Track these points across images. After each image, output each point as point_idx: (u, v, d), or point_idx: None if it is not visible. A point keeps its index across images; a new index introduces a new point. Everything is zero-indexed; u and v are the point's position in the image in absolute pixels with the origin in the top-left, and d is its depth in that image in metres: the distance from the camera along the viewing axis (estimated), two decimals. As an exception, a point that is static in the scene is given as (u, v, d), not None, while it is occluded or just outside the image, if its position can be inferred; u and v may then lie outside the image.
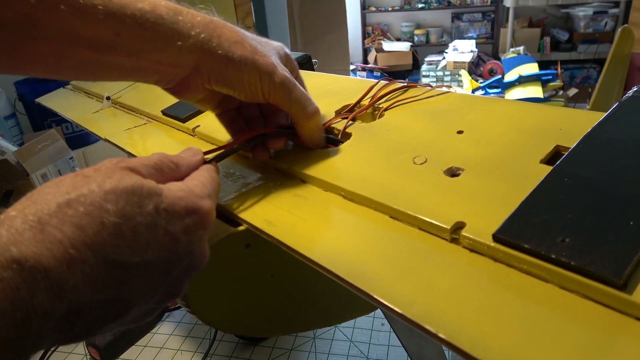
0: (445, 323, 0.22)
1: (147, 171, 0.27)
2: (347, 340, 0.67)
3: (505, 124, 0.37)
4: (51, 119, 1.47)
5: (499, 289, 0.24)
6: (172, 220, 0.26)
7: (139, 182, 0.25)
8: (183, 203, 0.27)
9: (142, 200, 0.25)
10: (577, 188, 0.27)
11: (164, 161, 0.29)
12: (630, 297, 0.21)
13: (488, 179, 0.31)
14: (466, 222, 0.27)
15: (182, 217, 0.26)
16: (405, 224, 0.30)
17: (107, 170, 0.25)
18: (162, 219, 0.25)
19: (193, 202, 0.27)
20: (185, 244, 0.26)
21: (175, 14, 0.34)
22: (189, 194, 0.28)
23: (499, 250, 0.25)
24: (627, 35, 1.74)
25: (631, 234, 0.23)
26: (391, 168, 0.35)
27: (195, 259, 0.28)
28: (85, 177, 0.25)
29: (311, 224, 0.32)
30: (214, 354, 0.67)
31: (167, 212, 0.26)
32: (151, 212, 0.25)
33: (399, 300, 0.24)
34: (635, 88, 0.36)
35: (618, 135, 0.31)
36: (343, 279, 0.27)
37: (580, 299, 0.22)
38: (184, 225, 0.26)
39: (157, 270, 0.25)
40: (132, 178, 0.25)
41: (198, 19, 0.35)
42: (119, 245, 0.23)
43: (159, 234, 0.25)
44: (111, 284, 0.23)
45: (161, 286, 0.26)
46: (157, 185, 0.26)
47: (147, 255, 0.24)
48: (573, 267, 0.22)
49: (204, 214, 0.28)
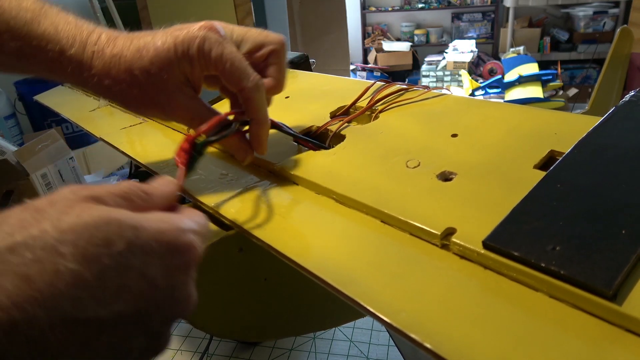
0: (432, 332, 0.22)
1: (114, 201, 0.23)
2: (347, 340, 0.67)
3: (500, 128, 0.37)
4: (51, 119, 1.47)
5: (488, 297, 0.23)
6: (150, 260, 0.21)
7: (105, 215, 0.21)
8: (165, 238, 0.22)
9: (110, 238, 0.20)
10: (569, 195, 0.27)
11: (134, 190, 0.25)
12: (620, 308, 0.20)
13: (481, 184, 0.31)
14: (457, 228, 0.27)
15: (162, 255, 0.22)
16: (397, 229, 0.29)
17: (65, 202, 0.21)
18: (136, 259, 0.21)
19: (176, 237, 0.22)
20: (165, 289, 0.22)
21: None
22: (172, 226, 0.23)
23: (488, 258, 0.25)
24: (626, 35, 1.74)
25: (623, 243, 0.23)
26: (384, 171, 0.35)
27: (178, 306, 0.23)
28: (37, 211, 0.20)
29: (301, 228, 0.32)
30: (214, 354, 0.67)
31: (143, 250, 0.21)
32: (122, 252, 0.20)
33: (386, 308, 0.24)
34: (632, 92, 0.35)
35: (613, 141, 0.30)
36: (331, 285, 0.26)
37: (570, 309, 0.22)
38: (165, 265, 0.22)
39: (131, 324, 0.21)
40: (97, 210, 0.21)
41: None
42: (80, 298, 0.19)
43: (132, 279, 0.20)
44: (72, 347, 0.19)
45: (137, 343, 0.21)
46: (130, 216, 0.21)
47: (117, 306, 0.20)
48: (563, 276, 0.22)
49: (190, 252, 0.23)
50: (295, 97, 0.55)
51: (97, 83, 0.37)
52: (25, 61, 0.37)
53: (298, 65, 0.66)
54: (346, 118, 0.45)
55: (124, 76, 0.36)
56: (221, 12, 1.85)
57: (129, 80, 0.36)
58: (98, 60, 0.36)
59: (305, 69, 0.66)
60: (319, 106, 0.49)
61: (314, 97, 0.53)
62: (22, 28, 0.36)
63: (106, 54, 0.36)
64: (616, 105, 0.34)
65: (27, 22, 0.36)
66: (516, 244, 0.24)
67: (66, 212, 0.20)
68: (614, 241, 0.23)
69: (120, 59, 0.36)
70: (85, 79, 0.37)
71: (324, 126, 0.44)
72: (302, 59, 0.66)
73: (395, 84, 0.48)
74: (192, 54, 0.35)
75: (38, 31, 0.36)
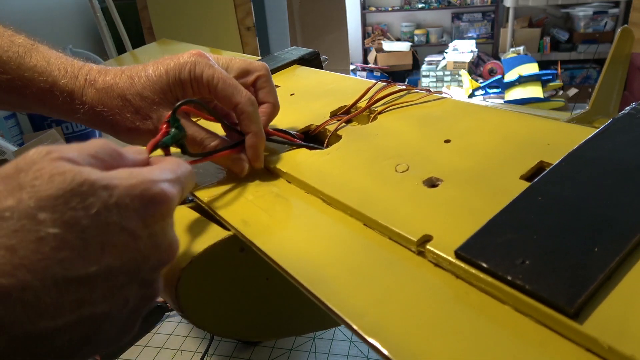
0: (390, 338, 0.22)
1: (85, 160, 0.23)
2: (347, 340, 0.67)
3: (493, 135, 0.36)
4: (51, 119, 1.47)
5: (455, 306, 0.23)
6: (126, 214, 0.22)
7: (78, 178, 0.21)
8: (137, 191, 0.23)
9: (86, 200, 0.20)
10: (549, 208, 0.26)
11: (105, 149, 0.24)
12: (581, 327, 0.20)
13: (465, 192, 0.31)
14: (433, 236, 0.27)
15: (137, 208, 0.22)
16: (377, 232, 0.29)
17: (36, 166, 0.21)
18: (113, 215, 0.21)
19: (148, 189, 0.23)
20: (147, 238, 0.23)
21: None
22: (143, 180, 0.23)
23: (459, 267, 0.25)
24: (627, 35, 1.74)
25: (593, 260, 0.22)
26: (372, 174, 0.35)
27: (162, 252, 0.24)
28: (8, 179, 0.20)
29: (285, 226, 0.32)
30: (214, 354, 0.67)
31: (118, 206, 0.22)
32: (99, 211, 0.21)
33: (350, 310, 0.24)
34: (633, 104, 0.34)
35: (605, 154, 0.30)
36: (300, 282, 0.26)
37: (534, 324, 0.22)
38: (141, 217, 0.23)
39: (122, 275, 0.22)
40: (69, 173, 0.21)
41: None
42: (66, 259, 0.19)
43: (113, 234, 0.21)
44: (68, 305, 0.20)
45: (130, 292, 0.23)
46: (101, 175, 0.22)
47: (105, 260, 0.21)
48: (527, 291, 0.22)
49: (163, 201, 0.24)
50: (300, 94, 0.54)
51: (88, 111, 0.38)
52: (15, 95, 0.38)
53: (309, 62, 0.65)
54: (344, 118, 0.45)
55: (117, 102, 0.38)
56: (221, 12, 1.85)
57: (122, 105, 0.38)
58: (90, 89, 0.38)
59: (316, 66, 0.65)
60: (321, 105, 0.49)
61: (318, 95, 0.53)
62: (14, 61, 0.38)
63: (98, 82, 0.38)
64: (614, 117, 0.33)
65: (19, 55, 0.38)
66: (486, 256, 0.24)
67: (39, 177, 0.20)
68: (585, 257, 0.23)
69: (113, 86, 0.38)
70: (76, 108, 0.38)
71: (322, 125, 0.45)
72: (313, 56, 0.65)
73: (395, 85, 0.48)
74: (184, 78, 0.37)
75: (30, 64, 0.38)
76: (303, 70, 0.63)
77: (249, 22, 1.87)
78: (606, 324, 0.20)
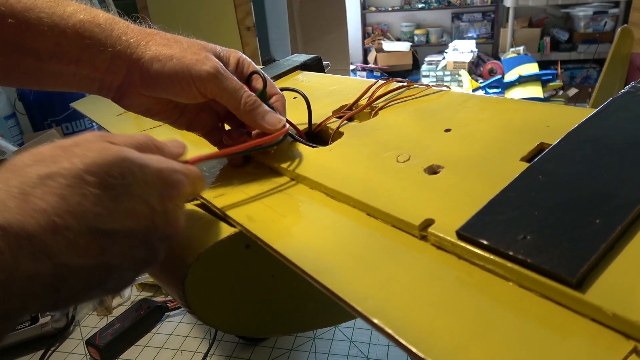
0: (394, 319, 0.22)
1: (129, 145, 0.28)
2: (347, 340, 0.67)
3: (493, 122, 0.37)
4: (51, 119, 1.47)
5: (459, 286, 0.23)
6: (149, 190, 0.27)
7: (121, 154, 0.26)
8: (163, 174, 0.29)
9: (122, 172, 0.26)
10: (549, 185, 0.26)
11: (148, 143, 0.30)
12: (584, 296, 0.20)
13: (466, 176, 0.31)
14: (435, 219, 0.27)
15: (159, 187, 0.28)
16: (380, 221, 0.30)
17: (88, 143, 0.26)
18: (140, 189, 0.27)
19: (170, 175, 0.29)
20: (161, 213, 0.28)
21: (112, 24, 0.37)
22: (168, 167, 0.29)
23: (462, 248, 0.25)
24: (626, 35, 1.74)
25: (594, 233, 0.22)
26: (374, 166, 0.35)
27: (170, 227, 0.29)
28: (65, 149, 0.25)
29: (290, 221, 0.33)
30: (214, 354, 0.67)
31: (145, 182, 0.27)
32: (131, 183, 0.26)
33: (354, 294, 0.24)
34: (633, 83, 0.35)
35: (604, 132, 0.30)
36: (305, 272, 0.27)
37: (538, 298, 0.22)
38: (160, 195, 0.28)
39: (136, 238, 0.27)
40: (115, 149, 0.26)
41: (131, 28, 0.38)
42: (100, 214, 0.24)
43: (137, 203, 0.26)
44: (94, 250, 0.24)
45: (139, 253, 0.27)
46: (139, 156, 0.27)
47: (127, 223, 0.26)
48: (530, 265, 0.22)
49: (178, 187, 0.30)
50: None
51: (149, 60, 0.37)
52: (56, 59, 0.37)
53: (311, 67, 0.67)
54: (346, 115, 0.45)
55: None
56: (221, 12, 1.85)
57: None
58: (147, 48, 0.38)
59: (318, 71, 0.67)
60: (323, 105, 0.50)
61: (320, 96, 0.53)
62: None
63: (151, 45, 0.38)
64: (613, 97, 0.34)
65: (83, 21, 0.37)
66: (488, 234, 0.24)
67: (90, 149, 0.26)
68: (586, 230, 0.23)
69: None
70: (135, 60, 0.37)
71: (323, 122, 0.45)
72: (314, 61, 0.67)
73: (393, 81, 0.49)
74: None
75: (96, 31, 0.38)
76: (305, 74, 0.64)
77: (249, 22, 1.87)
78: (610, 292, 0.20)
